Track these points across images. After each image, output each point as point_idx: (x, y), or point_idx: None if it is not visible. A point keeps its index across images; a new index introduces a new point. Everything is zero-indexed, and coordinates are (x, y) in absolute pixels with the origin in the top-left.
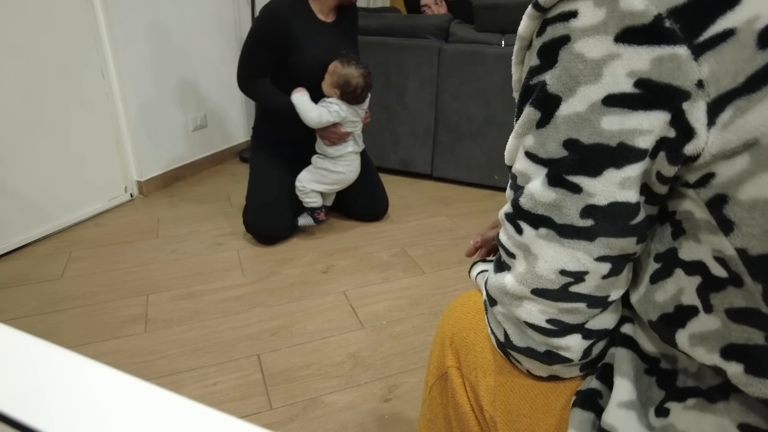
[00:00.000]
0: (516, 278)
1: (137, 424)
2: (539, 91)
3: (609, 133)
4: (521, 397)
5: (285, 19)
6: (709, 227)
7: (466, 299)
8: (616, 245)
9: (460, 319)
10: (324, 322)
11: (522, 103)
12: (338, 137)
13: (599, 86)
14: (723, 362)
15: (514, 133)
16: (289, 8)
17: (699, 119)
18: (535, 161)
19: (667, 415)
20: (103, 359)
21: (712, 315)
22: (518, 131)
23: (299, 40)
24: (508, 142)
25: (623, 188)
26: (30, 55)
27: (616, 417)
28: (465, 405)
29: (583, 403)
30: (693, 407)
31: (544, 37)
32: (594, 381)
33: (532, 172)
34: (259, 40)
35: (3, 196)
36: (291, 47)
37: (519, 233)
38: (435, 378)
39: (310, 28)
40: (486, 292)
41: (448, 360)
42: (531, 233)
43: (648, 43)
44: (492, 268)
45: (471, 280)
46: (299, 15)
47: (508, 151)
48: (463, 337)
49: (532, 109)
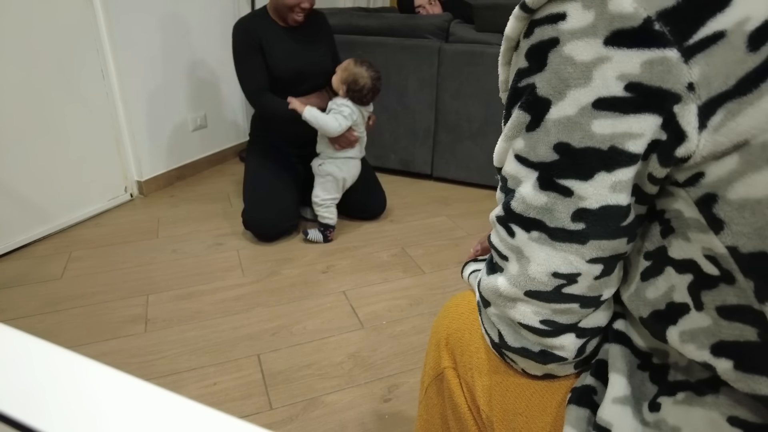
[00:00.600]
0: (509, 280)
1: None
2: (528, 94)
3: (600, 137)
4: (517, 396)
5: (253, 28)
6: (698, 226)
7: (460, 299)
8: (608, 247)
9: (454, 319)
10: (324, 322)
11: (511, 105)
12: (349, 143)
13: (589, 89)
14: (713, 359)
15: (504, 135)
16: (253, 20)
17: (690, 122)
18: (526, 164)
19: (659, 409)
20: (103, 359)
21: (703, 312)
22: (507, 134)
23: (268, 47)
24: (497, 145)
25: (615, 192)
26: (30, 54)
27: (611, 413)
28: (462, 405)
29: (578, 400)
30: (682, 401)
31: (532, 38)
32: (588, 378)
33: (523, 175)
34: (242, 51)
35: (3, 196)
36: (264, 52)
37: (511, 236)
38: (431, 378)
39: (274, 34)
40: (479, 293)
41: (444, 361)
42: (523, 236)
43: (638, 46)
44: (484, 270)
45: (464, 279)
46: (263, 25)
47: (497, 153)
48: (459, 338)
49: (522, 112)
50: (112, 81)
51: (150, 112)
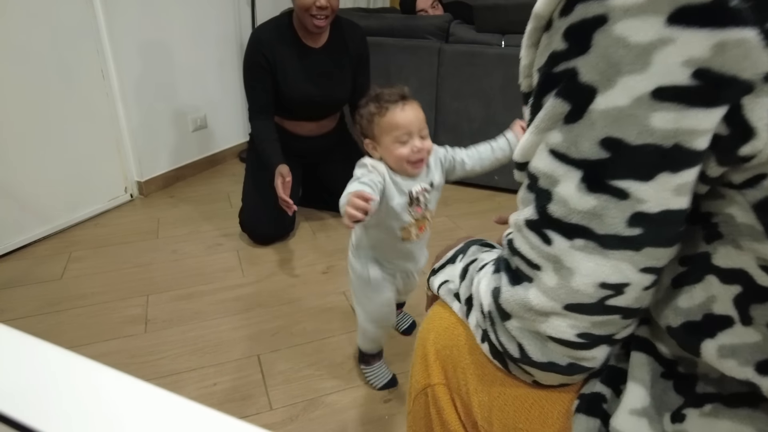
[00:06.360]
0: (544, 293)
1: (137, 425)
2: (568, 81)
3: (662, 133)
4: (516, 410)
5: (268, 44)
6: (753, 233)
7: (442, 311)
8: (663, 255)
9: (441, 334)
10: (324, 322)
11: (543, 93)
12: None
13: (647, 77)
14: (757, 377)
15: (533, 127)
16: (272, 33)
17: (762, 118)
18: (564, 161)
19: (683, 420)
20: (103, 359)
21: (751, 328)
22: (539, 126)
23: (281, 68)
24: (523, 138)
25: (678, 194)
26: (30, 55)
27: (625, 424)
28: (454, 422)
29: (587, 409)
30: (709, 413)
31: (572, 17)
32: (598, 384)
33: (560, 173)
34: (250, 68)
35: (3, 196)
36: (276, 72)
37: (547, 243)
38: (417, 391)
39: (292, 54)
40: (494, 305)
41: (434, 377)
42: (563, 244)
43: (709, 26)
44: (503, 280)
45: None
46: (283, 41)
47: (522, 147)
48: (447, 354)
49: (559, 101)
50: (112, 81)
51: (150, 113)
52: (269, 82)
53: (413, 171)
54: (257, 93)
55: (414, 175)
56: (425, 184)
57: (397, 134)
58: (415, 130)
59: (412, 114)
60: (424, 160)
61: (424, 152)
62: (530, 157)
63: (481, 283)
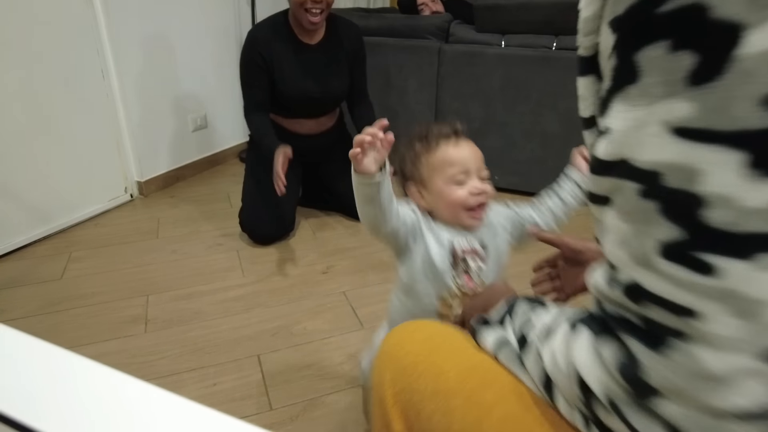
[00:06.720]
0: (722, 346)
1: (137, 425)
2: (688, 21)
3: None
4: None
5: (265, 42)
6: None
7: (399, 338)
8: None
9: (399, 374)
10: (324, 322)
11: (636, 45)
12: None
13: None
14: None
15: (623, 102)
16: (268, 31)
17: None
18: (708, 140)
19: None
20: (103, 359)
21: None
22: (634, 95)
23: (278, 65)
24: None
25: None
26: (30, 55)
27: None
28: None
29: None
30: None
31: None
32: None
33: (706, 160)
34: (246, 66)
35: (3, 196)
36: (273, 71)
37: (706, 273)
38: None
39: (288, 52)
40: (625, 381)
41: (395, 424)
42: (739, 267)
43: None
44: (632, 345)
45: (486, 349)
46: (279, 38)
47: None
48: (408, 399)
49: (677, 54)
50: (112, 81)
51: (150, 112)
52: (265, 80)
53: (471, 221)
54: (253, 91)
55: (471, 227)
56: (474, 243)
57: (452, 172)
58: (474, 168)
59: (468, 150)
60: (485, 207)
61: (484, 196)
62: (624, 150)
63: (574, 356)
